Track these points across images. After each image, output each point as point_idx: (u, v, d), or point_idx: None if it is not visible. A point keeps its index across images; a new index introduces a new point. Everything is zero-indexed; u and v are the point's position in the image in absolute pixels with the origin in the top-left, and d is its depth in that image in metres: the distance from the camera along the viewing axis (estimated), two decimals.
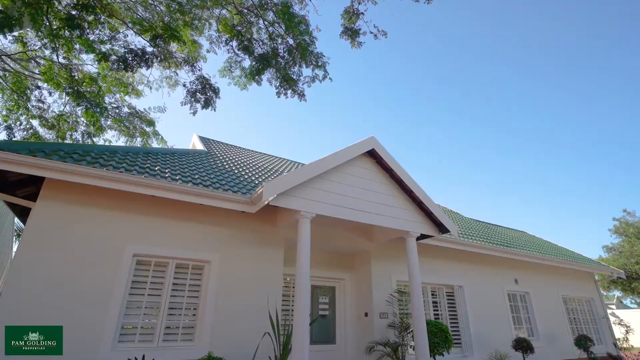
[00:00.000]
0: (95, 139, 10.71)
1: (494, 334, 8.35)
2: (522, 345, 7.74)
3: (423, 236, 6.78)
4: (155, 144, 11.12)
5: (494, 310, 8.79)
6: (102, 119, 10.11)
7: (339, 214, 5.61)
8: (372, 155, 6.41)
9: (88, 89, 9.07)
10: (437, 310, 8.04)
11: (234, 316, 5.31)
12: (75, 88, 8.78)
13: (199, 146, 9.77)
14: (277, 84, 7.91)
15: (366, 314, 6.95)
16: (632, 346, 11.02)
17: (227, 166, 7.54)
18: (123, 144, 10.70)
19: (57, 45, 7.72)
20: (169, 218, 5.37)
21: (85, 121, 10.17)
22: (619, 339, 11.09)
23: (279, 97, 8.07)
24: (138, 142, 10.91)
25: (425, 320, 5.97)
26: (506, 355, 7.64)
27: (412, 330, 6.04)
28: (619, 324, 11.36)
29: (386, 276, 7.27)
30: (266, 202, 5.12)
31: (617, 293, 20.15)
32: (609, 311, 12.04)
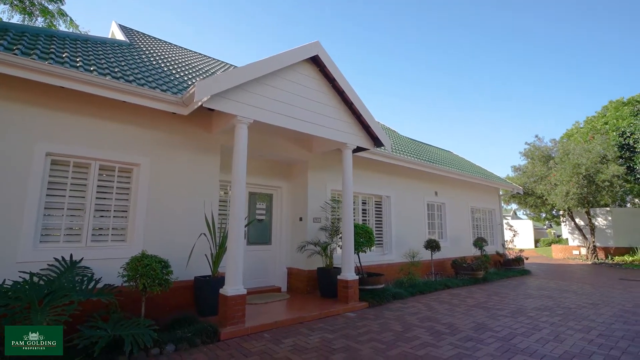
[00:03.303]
0: None
1: (411, 237, 9.62)
2: (432, 245, 9.11)
3: (359, 149, 7.06)
4: (63, 28, 9.23)
5: (414, 217, 9.98)
6: None
7: (279, 122, 5.50)
8: (316, 62, 6.12)
9: None
10: (366, 217, 8.89)
11: (169, 219, 5.31)
12: None
13: (120, 37, 8.40)
14: None
15: (301, 219, 7.43)
16: (515, 246, 13.68)
17: (154, 62, 6.69)
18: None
19: None
20: (87, 115, 4.79)
21: None
22: (506, 241, 13.61)
23: None
24: (40, 23, 8.94)
25: (353, 224, 6.60)
26: (417, 253, 8.98)
27: (341, 233, 6.66)
28: (509, 229, 13.81)
29: (321, 185, 7.65)
30: (199, 104, 4.78)
31: (514, 206, 23.89)
32: (504, 221, 14.43)
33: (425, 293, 7.54)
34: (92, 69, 4.67)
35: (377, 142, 7.05)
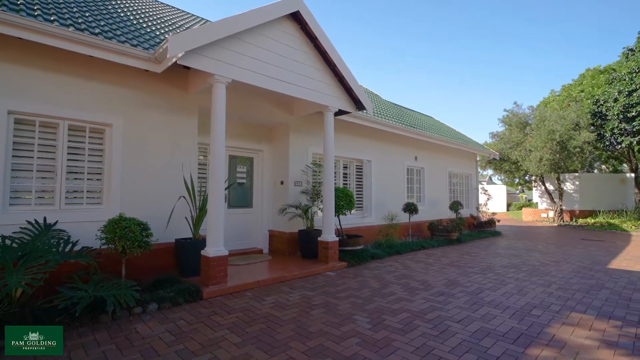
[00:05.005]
0: None
1: (391, 200, 9.86)
2: (410, 208, 9.38)
3: (341, 112, 6.98)
4: None
5: (394, 181, 10.17)
6: None
7: (258, 82, 5.31)
8: (297, 19, 5.84)
9: None
10: (347, 180, 8.99)
11: (146, 182, 5.19)
12: None
13: None
14: None
15: (282, 182, 7.44)
16: (488, 209, 14.30)
17: (121, 14, 6.20)
18: None
19: None
20: (52, 71, 4.47)
21: None
22: (481, 204, 14.18)
23: None
24: None
25: (334, 187, 6.67)
26: (396, 215, 9.26)
27: (322, 196, 6.74)
28: (484, 193, 14.35)
29: (303, 149, 7.60)
30: (174, 60, 4.52)
31: (490, 172, 24.69)
32: (480, 185, 14.95)
33: (402, 253, 7.87)
34: (52, 19, 4.29)
35: (359, 106, 6.98)
